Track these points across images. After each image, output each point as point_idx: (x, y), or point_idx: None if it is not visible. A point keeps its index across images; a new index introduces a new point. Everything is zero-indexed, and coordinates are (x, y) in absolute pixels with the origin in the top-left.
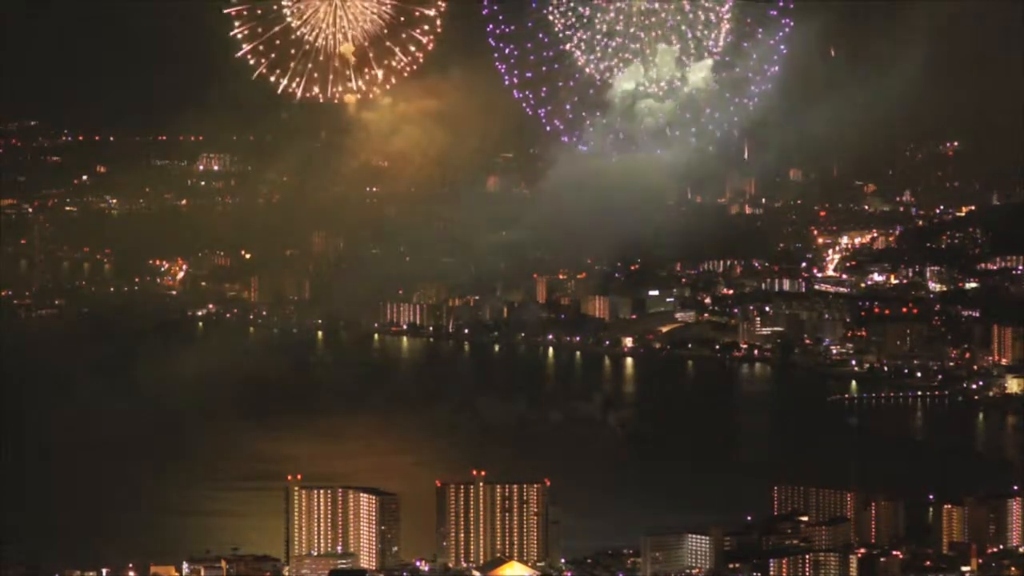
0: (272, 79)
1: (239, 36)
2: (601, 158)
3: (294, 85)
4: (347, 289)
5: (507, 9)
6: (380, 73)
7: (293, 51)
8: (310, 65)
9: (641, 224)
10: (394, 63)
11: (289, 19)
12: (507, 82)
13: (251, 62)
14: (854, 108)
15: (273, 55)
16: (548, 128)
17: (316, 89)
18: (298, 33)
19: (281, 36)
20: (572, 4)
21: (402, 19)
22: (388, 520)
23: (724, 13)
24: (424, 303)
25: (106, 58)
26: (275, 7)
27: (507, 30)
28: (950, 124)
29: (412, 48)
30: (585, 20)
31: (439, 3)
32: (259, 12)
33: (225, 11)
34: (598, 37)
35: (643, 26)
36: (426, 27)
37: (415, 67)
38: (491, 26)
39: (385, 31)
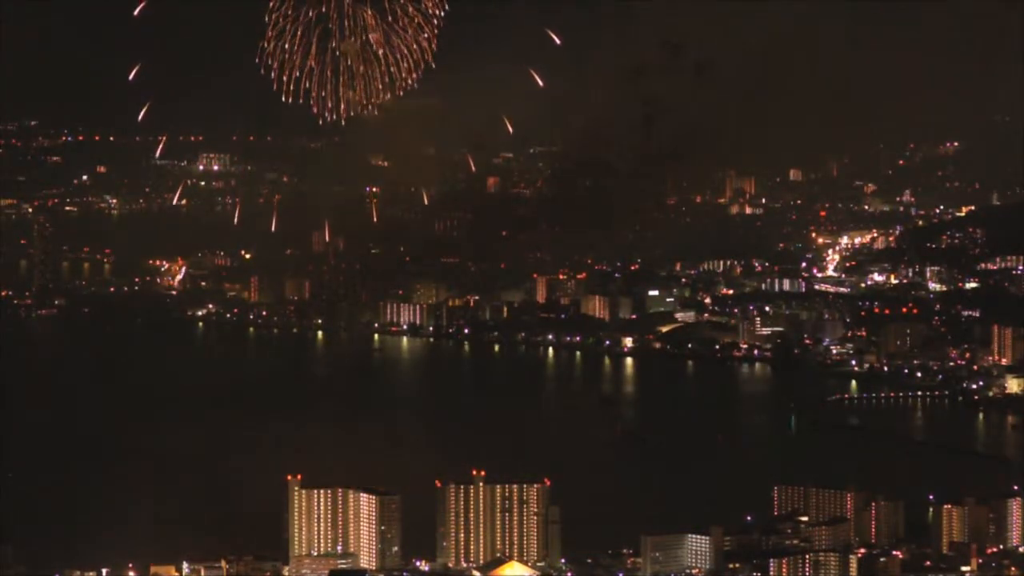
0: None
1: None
2: None
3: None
4: (347, 289)
5: None
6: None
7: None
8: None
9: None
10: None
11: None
12: None
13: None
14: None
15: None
16: None
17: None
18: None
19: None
20: None
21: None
22: (388, 520)
23: None
24: (424, 303)
25: (107, 58)
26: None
27: None
28: (950, 124)
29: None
30: None
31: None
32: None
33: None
34: None
35: None
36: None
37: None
38: None
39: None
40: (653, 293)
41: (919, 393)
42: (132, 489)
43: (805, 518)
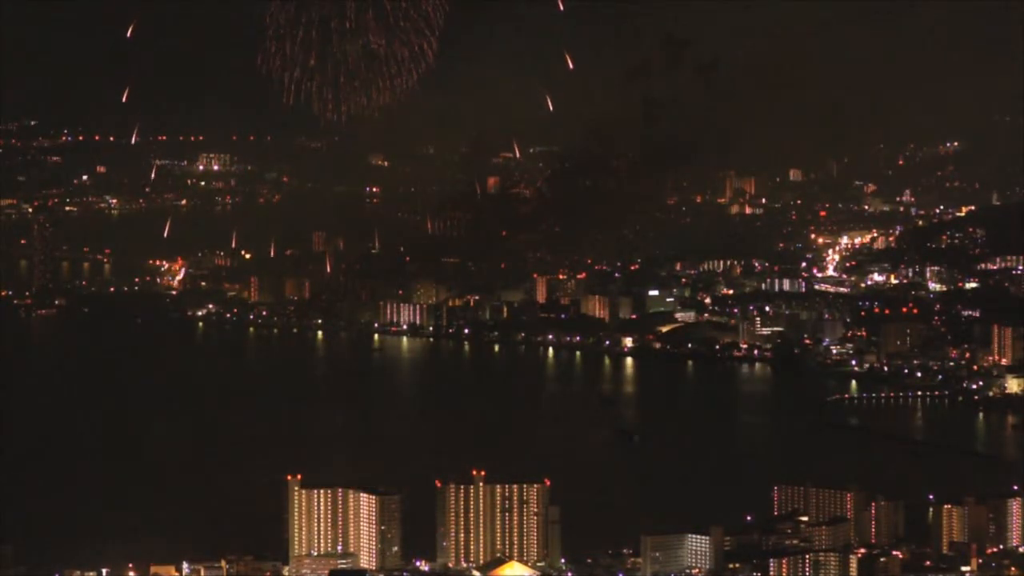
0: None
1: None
2: None
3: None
4: (347, 289)
5: None
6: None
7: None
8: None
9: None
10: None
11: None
12: None
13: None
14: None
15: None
16: None
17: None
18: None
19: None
20: None
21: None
22: (388, 520)
23: None
24: (424, 303)
25: (106, 58)
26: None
27: None
28: (950, 124)
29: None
30: None
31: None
32: None
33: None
34: None
35: None
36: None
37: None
38: None
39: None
40: (653, 293)
41: (919, 393)
42: (132, 489)
43: (805, 518)
